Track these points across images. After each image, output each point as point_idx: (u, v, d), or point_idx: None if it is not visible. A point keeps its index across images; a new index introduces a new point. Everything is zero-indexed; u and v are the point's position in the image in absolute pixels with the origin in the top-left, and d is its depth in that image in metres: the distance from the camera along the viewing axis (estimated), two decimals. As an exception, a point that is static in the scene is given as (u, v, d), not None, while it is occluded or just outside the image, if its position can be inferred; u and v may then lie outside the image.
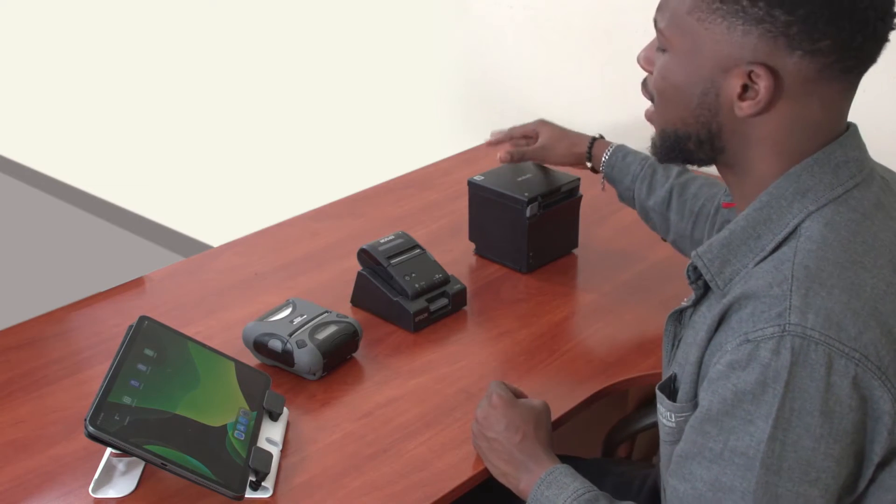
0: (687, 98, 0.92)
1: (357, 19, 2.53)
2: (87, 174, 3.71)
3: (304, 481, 1.12)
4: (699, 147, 0.95)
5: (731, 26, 0.87)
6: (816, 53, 0.85)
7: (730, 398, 0.84)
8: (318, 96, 2.73)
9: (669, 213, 1.37)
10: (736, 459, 0.84)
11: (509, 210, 1.53)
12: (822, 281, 0.84)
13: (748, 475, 0.83)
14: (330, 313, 1.34)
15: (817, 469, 0.82)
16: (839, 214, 0.88)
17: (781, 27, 0.85)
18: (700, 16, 0.89)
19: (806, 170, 0.90)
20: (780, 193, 0.90)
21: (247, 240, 1.71)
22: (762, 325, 0.83)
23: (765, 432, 0.82)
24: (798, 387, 0.81)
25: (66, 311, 1.47)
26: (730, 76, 0.88)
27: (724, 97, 0.90)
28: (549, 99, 2.20)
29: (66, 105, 3.67)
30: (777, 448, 0.82)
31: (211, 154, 3.14)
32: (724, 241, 0.92)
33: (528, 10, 2.15)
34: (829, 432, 0.82)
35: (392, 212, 1.80)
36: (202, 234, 3.29)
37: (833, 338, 0.81)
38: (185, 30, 3.04)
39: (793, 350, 0.81)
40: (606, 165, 1.46)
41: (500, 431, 1.12)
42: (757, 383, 0.82)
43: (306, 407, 1.25)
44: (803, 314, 0.82)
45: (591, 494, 1.03)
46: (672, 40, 0.92)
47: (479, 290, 1.52)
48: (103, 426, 1.01)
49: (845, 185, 0.90)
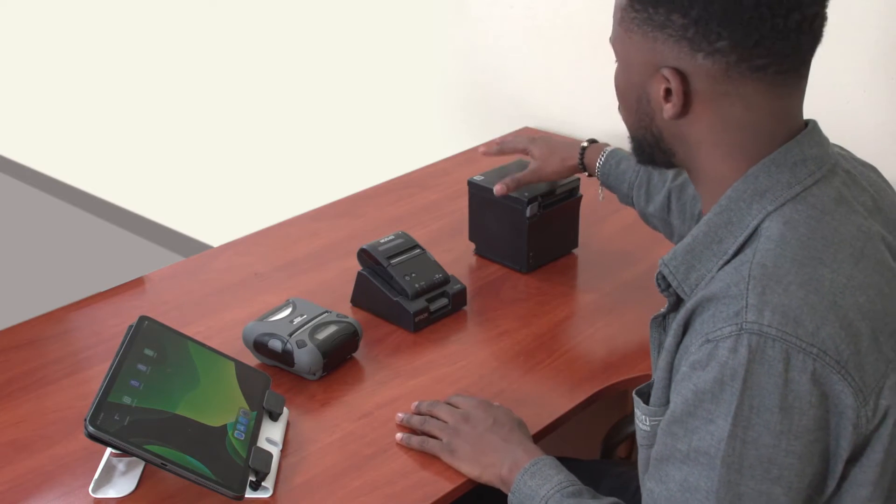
0: (629, 105, 0.98)
1: (357, 19, 2.53)
2: (87, 174, 3.71)
3: (304, 481, 1.12)
4: (653, 150, 0.99)
5: (645, 33, 0.91)
6: (716, 54, 0.87)
7: (691, 399, 0.85)
8: (318, 96, 2.73)
9: (671, 217, 1.37)
10: (700, 459, 0.85)
11: (509, 210, 1.53)
12: (779, 278, 0.84)
13: (711, 474, 0.84)
14: (330, 313, 1.34)
15: (779, 466, 0.83)
16: (797, 212, 0.89)
17: (680, 30, 0.88)
18: (627, 26, 0.93)
19: (763, 170, 0.91)
20: (739, 196, 0.91)
21: (247, 240, 1.71)
22: (720, 325, 0.84)
23: (724, 430, 0.83)
24: (756, 384, 0.82)
25: (66, 311, 1.47)
26: (653, 81, 0.92)
27: (653, 101, 0.94)
28: (549, 99, 2.20)
29: (66, 105, 3.67)
30: (738, 446, 0.83)
31: (211, 154, 3.14)
32: (687, 248, 0.93)
33: (528, 11, 2.15)
34: (789, 429, 0.82)
35: (392, 212, 1.80)
36: (202, 234, 3.29)
37: (790, 333, 0.81)
38: (185, 30, 3.04)
39: (749, 347, 0.82)
40: (601, 174, 1.45)
41: (489, 426, 1.14)
42: (715, 382, 0.83)
43: (306, 407, 1.25)
44: (760, 311, 0.82)
45: (575, 488, 1.04)
46: (615, 50, 0.97)
47: (479, 290, 1.52)
48: (103, 426, 1.01)
49: (803, 182, 0.90)
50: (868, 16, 1.63)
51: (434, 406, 1.20)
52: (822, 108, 1.70)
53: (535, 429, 1.20)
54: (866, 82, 1.68)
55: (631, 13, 0.92)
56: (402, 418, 1.21)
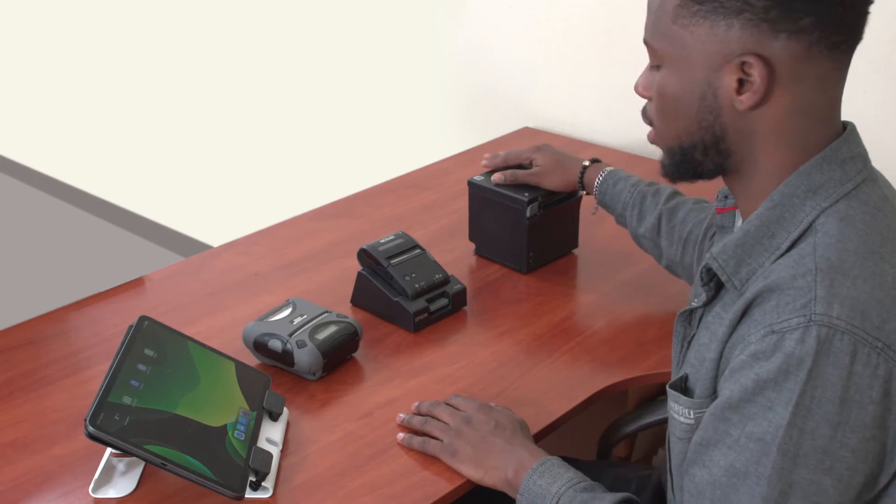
0: (687, 106, 0.93)
1: (357, 19, 2.53)
2: (87, 174, 3.71)
3: (304, 481, 1.12)
4: (706, 156, 0.95)
5: (713, 24, 0.88)
6: (800, 32, 0.86)
7: (751, 387, 0.85)
8: (318, 96, 2.73)
9: (660, 239, 1.39)
10: (751, 445, 0.85)
11: (509, 210, 1.53)
12: (846, 271, 0.85)
13: (764, 460, 0.84)
14: (330, 313, 1.34)
15: (832, 458, 0.83)
16: (852, 209, 0.89)
17: (761, 13, 0.86)
18: (683, 22, 0.90)
19: (815, 167, 0.91)
20: (792, 192, 0.91)
21: (247, 240, 1.71)
22: (787, 316, 0.84)
23: (784, 419, 0.83)
24: (820, 375, 0.82)
25: (66, 311, 1.47)
26: (723, 73, 0.89)
27: (722, 96, 0.90)
28: (549, 99, 2.20)
29: (66, 105, 3.67)
30: (795, 435, 0.83)
31: (211, 154, 3.14)
32: (738, 242, 0.93)
33: (528, 10, 2.15)
34: (847, 421, 0.82)
35: (392, 212, 1.80)
36: (202, 234, 3.29)
37: (858, 327, 0.82)
38: (185, 30, 3.04)
39: (818, 339, 0.82)
40: (599, 193, 1.47)
41: (492, 429, 1.14)
42: (779, 371, 0.83)
43: (306, 407, 1.25)
44: (829, 304, 0.83)
45: (587, 484, 1.04)
46: (663, 53, 0.94)
47: (479, 290, 1.52)
48: (103, 426, 1.01)
49: (854, 180, 0.91)
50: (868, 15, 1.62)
51: (435, 407, 1.20)
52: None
53: (535, 429, 1.20)
54: (866, 82, 1.68)
55: (693, 6, 0.89)
56: (402, 419, 1.21)
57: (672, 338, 1.07)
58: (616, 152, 2.05)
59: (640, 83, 1.00)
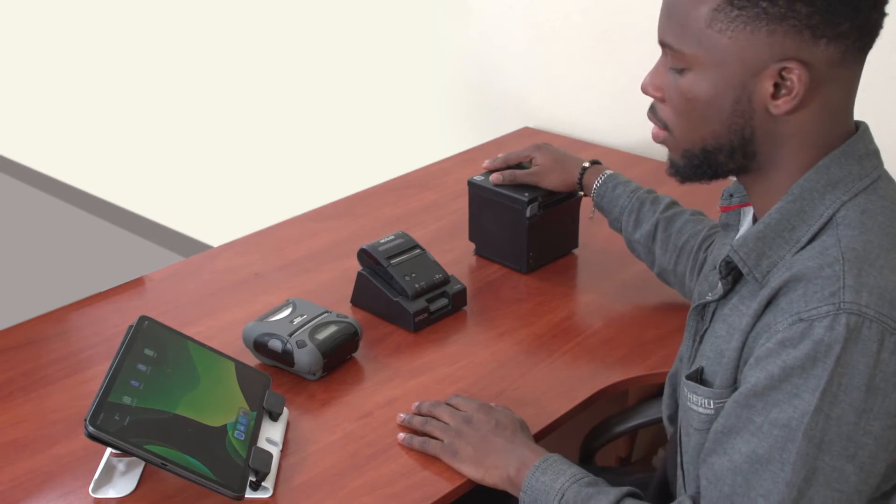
0: (718, 110, 0.93)
1: (357, 19, 2.53)
2: (87, 174, 3.71)
3: (304, 481, 1.12)
4: (730, 157, 0.95)
5: (755, 30, 0.88)
6: (839, 38, 0.87)
7: (777, 374, 0.86)
8: (318, 96, 2.73)
9: (654, 246, 1.39)
10: (776, 431, 0.86)
11: (509, 210, 1.53)
12: (872, 261, 0.86)
13: (788, 446, 0.85)
14: (330, 313, 1.34)
15: (856, 445, 0.84)
16: (871, 203, 0.91)
17: (804, 19, 0.87)
18: (721, 27, 0.90)
19: (835, 162, 0.92)
20: (812, 186, 0.92)
21: (247, 240, 1.71)
22: (816, 305, 0.85)
23: (810, 405, 0.83)
24: (848, 362, 0.83)
25: (66, 311, 1.47)
26: (760, 78, 0.90)
27: (756, 100, 0.91)
28: (549, 99, 2.20)
29: (66, 105, 3.67)
30: (821, 421, 0.83)
31: (211, 154, 3.14)
32: (758, 235, 0.94)
33: (528, 10, 2.15)
34: (871, 407, 0.83)
35: (392, 212, 1.80)
36: (202, 234, 3.29)
37: (886, 315, 0.83)
38: (185, 30, 3.04)
39: (847, 326, 0.83)
40: (596, 196, 1.46)
41: (492, 428, 1.14)
42: (807, 358, 0.84)
43: (306, 407, 1.25)
44: (857, 292, 0.84)
45: (591, 478, 1.05)
46: (692, 57, 0.92)
47: (479, 290, 1.52)
48: (103, 426, 1.01)
49: (871, 175, 0.93)
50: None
51: (435, 407, 1.20)
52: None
53: (535, 429, 1.20)
54: (866, 82, 1.68)
55: (732, 11, 0.88)
56: (403, 419, 1.21)
57: (675, 335, 1.07)
58: (616, 152, 2.05)
59: (650, 83, 0.99)
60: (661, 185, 1.50)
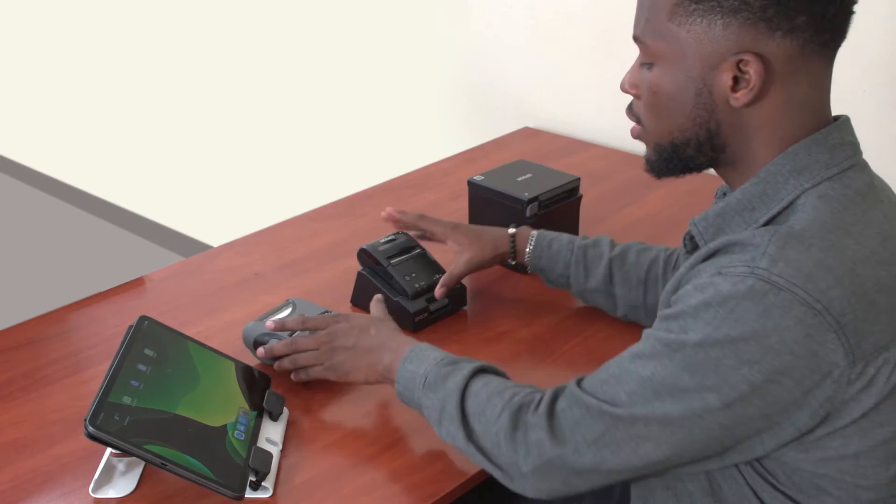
0: (682, 103, 0.95)
1: (357, 19, 2.53)
2: (87, 174, 3.71)
3: (304, 481, 1.12)
4: (699, 150, 0.98)
5: (710, 23, 0.91)
6: (795, 31, 0.89)
7: (678, 310, 0.90)
8: (318, 96, 2.73)
9: (614, 288, 1.35)
10: (658, 346, 0.91)
11: (509, 210, 1.53)
12: (803, 239, 0.88)
13: (664, 360, 0.90)
14: (330, 313, 1.34)
15: (729, 384, 0.87)
16: (833, 190, 0.92)
17: (758, 12, 0.89)
18: (680, 20, 0.93)
19: (803, 149, 0.93)
20: (777, 170, 0.94)
21: (247, 240, 1.71)
22: (735, 264, 0.88)
23: (693, 339, 0.88)
24: (741, 317, 0.86)
25: (66, 311, 1.47)
26: (719, 71, 0.92)
27: (717, 93, 0.93)
28: (549, 99, 2.20)
29: (66, 105, 3.67)
30: (700, 354, 0.88)
31: (211, 154, 3.14)
32: (719, 212, 0.97)
33: (528, 10, 2.15)
34: (758, 360, 0.85)
35: (392, 212, 1.79)
36: (202, 234, 3.29)
37: (798, 286, 0.85)
38: (185, 30, 3.04)
39: (751, 288, 0.86)
40: (532, 257, 1.40)
41: (357, 334, 1.21)
42: (702, 304, 0.88)
43: (306, 407, 1.25)
44: (774, 262, 0.86)
45: (452, 358, 1.12)
46: (657, 51, 0.96)
47: (479, 290, 1.52)
48: (103, 426, 1.01)
49: (840, 165, 0.93)
50: (868, 15, 1.62)
51: (294, 343, 1.24)
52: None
53: (535, 429, 1.19)
54: (866, 82, 1.68)
55: (690, 5, 0.91)
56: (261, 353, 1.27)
57: None
58: (616, 152, 2.05)
59: (627, 80, 1.03)
60: (660, 185, 1.50)
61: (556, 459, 0.97)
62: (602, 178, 1.91)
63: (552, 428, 0.97)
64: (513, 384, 1.07)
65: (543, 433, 0.98)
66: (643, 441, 0.92)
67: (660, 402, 0.90)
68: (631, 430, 0.92)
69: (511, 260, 1.43)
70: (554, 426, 0.97)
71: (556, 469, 0.97)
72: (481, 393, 1.06)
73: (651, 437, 0.91)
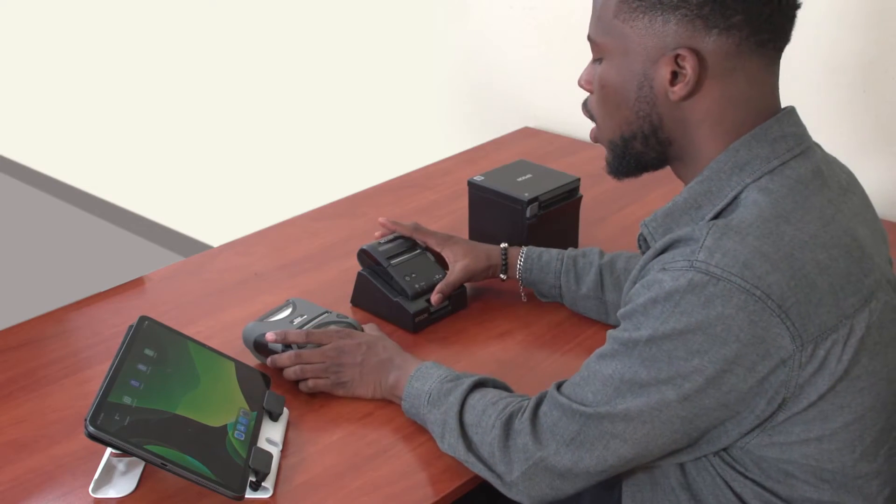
0: (625, 97, 1.00)
1: (357, 19, 2.53)
2: (87, 174, 3.71)
3: (304, 481, 1.12)
4: (646, 145, 1.02)
5: (651, 19, 0.95)
6: (731, 29, 0.93)
7: (630, 309, 0.95)
8: (318, 96, 2.73)
9: (605, 294, 1.38)
10: (616, 346, 0.96)
11: (509, 210, 1.53)
12: (739, 230, 0.91)
13: (623, 358, 0.94)
14: (330, 313, 1.34)
15: (682, 376, 0.91)
16: (773, 182, 0.95)
17: (696, 9, 0.93)
18: (624, 17, 0.97)
19: (744, 145, 0.97)
20: (720, 168, 0.97)
21: (247, 240, 1.71)
22: (677, 259, 0.92)
23: (644, 335, 0.92)
24: (685, 310, 0.89)
25: (66, 311, 1.47)
26: (659, 66, 0.96)
27: (657, 86, 0.97)
28: (549, 99, 2.20)
29: (66, 105, 3.67)
30: (653, 349, 0.91)
31: (211, 154, 3.14)
32: (666, 212, 1.01)
33: (528, 10, 2.15)
34: (706, 350, 0.89)
35: (392, 212, 1.80)
36: (202, 234, 3.29)
37: (736, 275, 0.88)
38: (185, 30, 3.04)
39: (691, 281, 0.89)
40: (523, 269, 1.42)
41: (364, 350, 1.24)
42: (650, 301, 0.92)
43: (306, 407, 1.25)
44: (711, 253, 0.89)
45: (454, 375, 1.16)
46: (604, 46, 1.00)
47: (479, 290, 1.52)
48: (103, 426, 1.01)
49: (781, 157, 0.96)
50: (868, 15, 1.63)
51: (299, 357, 1.25)
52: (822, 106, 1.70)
53: (535, 429, 1.20)
54: (867, 82, 1.68)
55: (633, 2, 0.96)
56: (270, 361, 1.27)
57: None
58: (616, 152, 2.04)
59: (583, 77, 1.07)
60: (660, 185, 1.50)
61: (539, 462, 1.01)
62: (602, 178, 1.89)
63: (535, 432, 1.02)
64: (507, 395, 1.11)
65: (528, 437, 1.02)
66: (613, 438, 0.96)
67: (622, 399, 0.95)
68: (600, 428, 0.96)
69: (503, 274, 1.45)
70: (536, 430, 1.02)
71: (541, 472, 1.01)
72: (478, 405, 1.10)
73: (618, 434, 0.95)
